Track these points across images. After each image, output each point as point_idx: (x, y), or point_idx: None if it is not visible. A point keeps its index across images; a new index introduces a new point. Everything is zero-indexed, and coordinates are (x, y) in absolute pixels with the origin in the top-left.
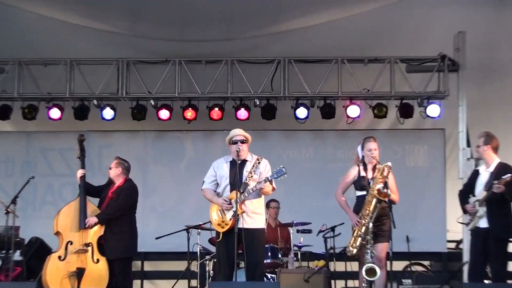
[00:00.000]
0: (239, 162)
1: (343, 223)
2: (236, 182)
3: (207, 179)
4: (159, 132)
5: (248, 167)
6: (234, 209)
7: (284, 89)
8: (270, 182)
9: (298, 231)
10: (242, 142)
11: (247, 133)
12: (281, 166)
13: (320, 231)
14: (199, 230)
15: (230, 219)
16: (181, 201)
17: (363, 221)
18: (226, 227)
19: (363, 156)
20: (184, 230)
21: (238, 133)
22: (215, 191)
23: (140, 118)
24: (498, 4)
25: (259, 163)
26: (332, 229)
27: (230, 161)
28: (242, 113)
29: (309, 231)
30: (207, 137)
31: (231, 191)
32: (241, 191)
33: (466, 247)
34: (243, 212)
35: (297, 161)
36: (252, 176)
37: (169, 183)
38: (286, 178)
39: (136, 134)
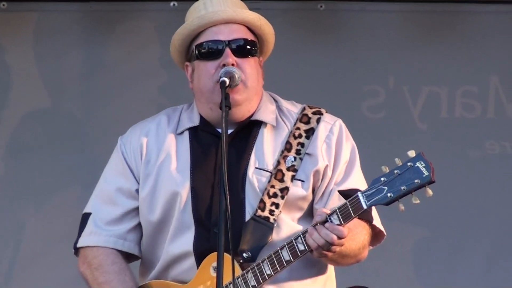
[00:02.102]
0: (233, 131)
1: None
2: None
3: (102, 211)
4: None
5: (265, 147)
6: None
7: None
8: (365, 215)
9: None
10: (242, 53)
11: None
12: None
13: None
14: None
15: None
16: None
17: None
18: None
19: None
20: None
21: (226, 16)
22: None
23: None
24: None
25: (310, 130)
26: None
27: (192, 131)
28: None
29: None
30: None
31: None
32: (242, 258)
33: None
34: None
35: None
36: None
37: None
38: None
39: None
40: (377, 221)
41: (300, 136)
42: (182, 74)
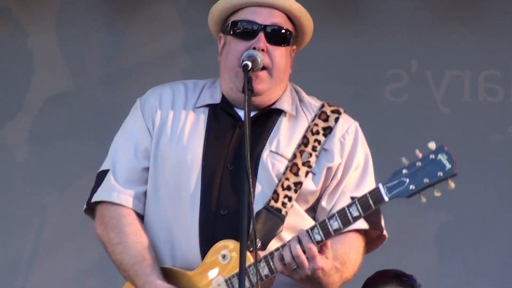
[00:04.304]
0: (253, 116)
1: None
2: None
3: (121, 168)
4: None
5: (281, 133)
6: None
7: None
8: (375, 227)
9: None
10: (275, 40)
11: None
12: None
13: None
14: None
15: None
16: None
17: None
18: None
19: None
20: None
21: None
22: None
23: None
24: None
25: (327, 129)
26: None
27: (212, 108)
28: None
29: None
30: None
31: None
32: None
33: None
34: None
35: None
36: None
37: None
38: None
39: None
40: (381, 226)
41: (317, 132)
42: (205, 58)
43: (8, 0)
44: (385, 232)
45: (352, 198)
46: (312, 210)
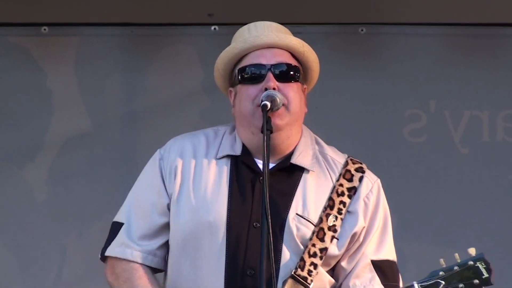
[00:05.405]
0: (273, 167)
1: None
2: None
3: (135, 224)
4: None
5: (308, 195)
6: None
7: None
8: None
9: None
10: (285, 77)
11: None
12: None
13: None
14: None
15: None
16: None
17: None
18: None
19: None
20: None
21: (269, 40)
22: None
23: None
24: None
25: (352, 189)
26: None
27: (234, 159)
28: None
29: None
30: None
31: None
32: None
33: None
34: None
35: None
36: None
37: None
38: None
39: None
40: None
41: (342, 194)
42: (224, 99)
43: (26, 40)
44: None
45: (372, 261)
46: (331, 270)
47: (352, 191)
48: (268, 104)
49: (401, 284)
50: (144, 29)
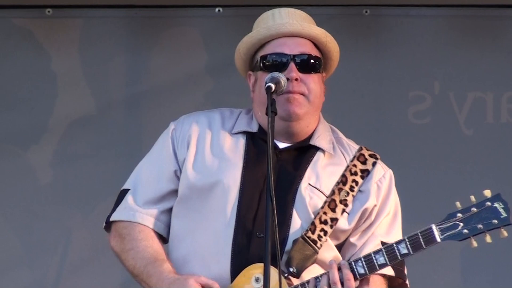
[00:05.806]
0: (289, 147)
1: None
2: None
3: (141, 190)
4: None
5: (320, 169)
6: None
7: None
8: (400, 275)
9: None
10: (306, 68)
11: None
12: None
13: None
14: None
15: None
16: None
17: None
18: None
19: None
20: None
21: (293, 29)
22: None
23: None
24: None
25: (365, 171)
26: None
27: (250, 135)
28: None
29: None
30: None
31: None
32: (288, 272)
33: None
34: None
35: None
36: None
37: None
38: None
39: None
40: (405, 275)
41: (356, 173)
42: (228, 81)
43: (30, 22)
44: (407, 281)
45: (383, 243)
46: (340, 247)
47: (365, 173)
48: (273, 86)
49: (405, 271)
50: (148, 11)
